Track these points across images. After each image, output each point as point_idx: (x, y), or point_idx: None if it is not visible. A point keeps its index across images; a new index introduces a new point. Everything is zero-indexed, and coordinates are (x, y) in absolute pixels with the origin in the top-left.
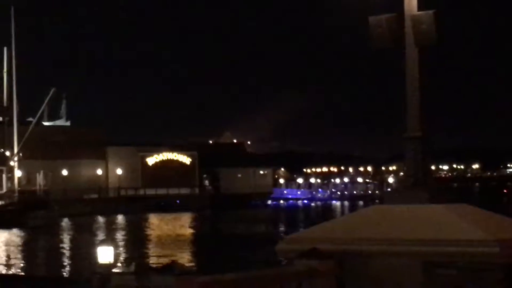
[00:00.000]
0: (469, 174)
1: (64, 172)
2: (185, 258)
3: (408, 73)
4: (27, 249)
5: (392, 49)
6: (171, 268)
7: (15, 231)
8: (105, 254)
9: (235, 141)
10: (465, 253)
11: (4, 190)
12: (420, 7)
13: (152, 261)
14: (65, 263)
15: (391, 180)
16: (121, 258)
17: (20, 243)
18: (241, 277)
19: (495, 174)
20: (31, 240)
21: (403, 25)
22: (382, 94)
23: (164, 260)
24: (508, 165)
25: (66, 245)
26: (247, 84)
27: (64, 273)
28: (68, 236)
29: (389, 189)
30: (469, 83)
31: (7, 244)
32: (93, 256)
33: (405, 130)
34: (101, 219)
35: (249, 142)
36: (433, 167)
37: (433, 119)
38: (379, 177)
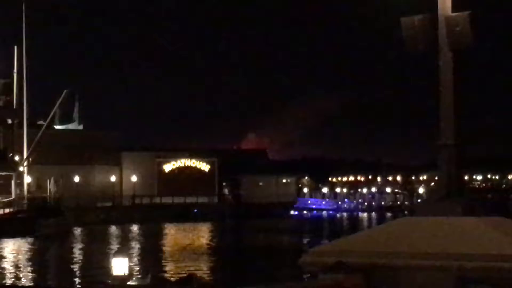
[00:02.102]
0: (504, 185)
1: (76, 178)
2: (203, 271)
3: (442, 77)
4: (38, 259)
5: (426, 52)
6: (189, 281)
7: (25, 240)
8: (119, 265)
9: (257, 147)
10: (500, 268)
11: (13, 196)
12: (455, 8)
13: (169, 273)
14: (77, 274)
15: (421, 190)
16: (136, 270)
17: (30, 253)
18: None
19: None
20: (42, 250)
21: (437, 27)
22: (417, 99)
23: (182, 273)
24: None
25: (78, 255)
26: (274, 86)
27: (77, 285)
28: (81, 246)
29: (419, 200)
30: (506, 88)
31: (16, 253)
32: (107, 267)
33: (438, 137)
34: (115, 228)
35: (272, 148)
36: (466, 177)
37: (468, 126)
38: (409, 187)
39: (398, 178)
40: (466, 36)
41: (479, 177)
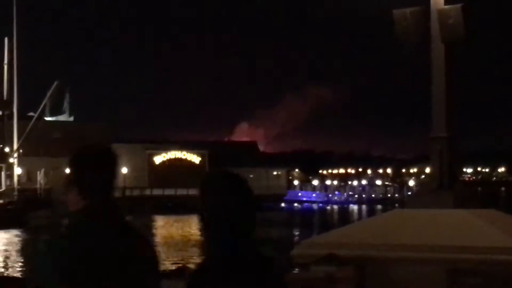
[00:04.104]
0: (494, 178)
1: (67, 170)
2: (195, 263)
3: (434, 70)
4: (27, 250)
5: (417, 45)
6: (181, 273)
7: (14, 231)
8: None
9: (249, 138)
10: (491, 260)
11: (3, 188)
12: (448, 0)
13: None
14: None
15: (411, 183)
16: None
17: (20, 245)
18: None
19: None
20: (32, 241)
21: (429, 19)
22: (409, 91)
23: (173, 265)
24: None
25: None
26: (268, 77)
27: None
28: None
29: (409, 193)
30: (497, 81)
31: (6, 245)
32: None
33: (430, 130)
34: None
35: (263, 140)
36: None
37: (460, 119)
38: (399, 179)
39: (389, 170)
40: (458, 29)
41: (469, 170)
